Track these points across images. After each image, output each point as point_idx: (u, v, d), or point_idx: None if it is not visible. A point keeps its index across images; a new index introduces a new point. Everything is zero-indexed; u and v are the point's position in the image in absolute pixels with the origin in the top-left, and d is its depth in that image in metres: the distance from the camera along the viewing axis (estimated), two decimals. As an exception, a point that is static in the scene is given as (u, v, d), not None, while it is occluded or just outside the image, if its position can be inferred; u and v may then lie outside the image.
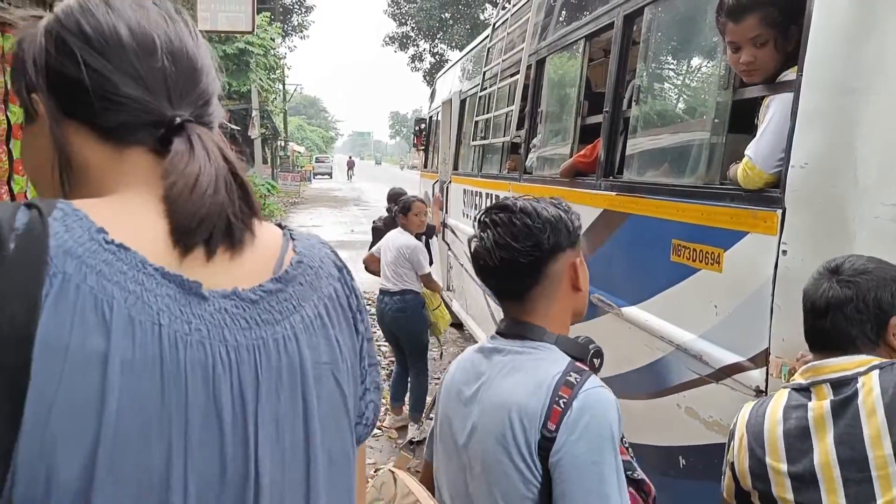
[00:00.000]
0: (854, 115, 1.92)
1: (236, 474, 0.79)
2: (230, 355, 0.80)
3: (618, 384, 3.27)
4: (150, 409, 0.74)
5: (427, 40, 38.08)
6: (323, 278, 0.93)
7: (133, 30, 0.85)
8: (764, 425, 1.73)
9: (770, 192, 2.17)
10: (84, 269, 0.73)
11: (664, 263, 2.76)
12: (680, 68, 3.18)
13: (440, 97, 9.57)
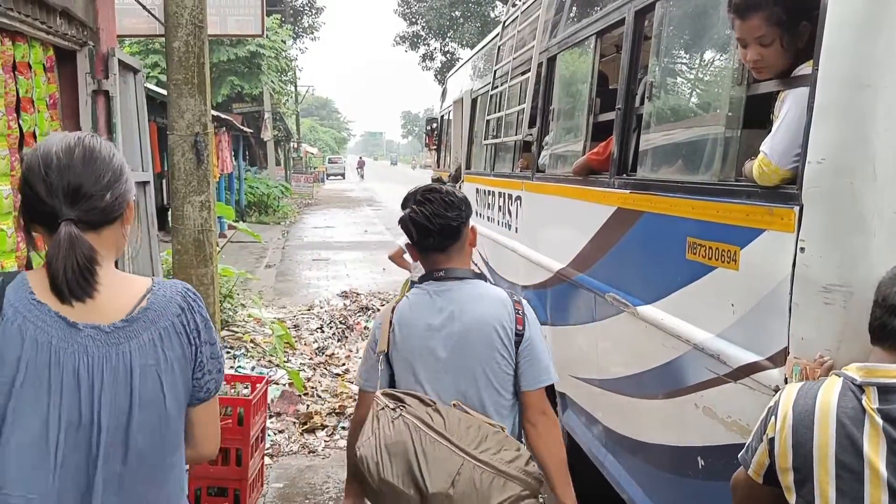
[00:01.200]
0: (870, 110, 1.88)
1: (87, 421, 1.53)
2: (90, 359, 1.53)
3: (633, 383, 3.25)
4: (42, 383, 1.49)
5: (438, 39, 38.06)
6: (162, 318, 1.62)
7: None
8: (815, 409, 1.71)
9: (786, 188, 2.14)
10: (17, 314, 1.51)
11: (679, 262, 2.73)
12: (692, 63, 3.14)
13: (451, 96, 9.56)
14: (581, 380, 4.05)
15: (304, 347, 7.91)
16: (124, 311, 1.59)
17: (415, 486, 2.14)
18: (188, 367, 1.65)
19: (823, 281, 1.96)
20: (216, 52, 20.85)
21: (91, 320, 1.55)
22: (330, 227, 21.65)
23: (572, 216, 4.15)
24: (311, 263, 14.74)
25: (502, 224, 5.96)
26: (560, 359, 4.44)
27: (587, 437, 4.00)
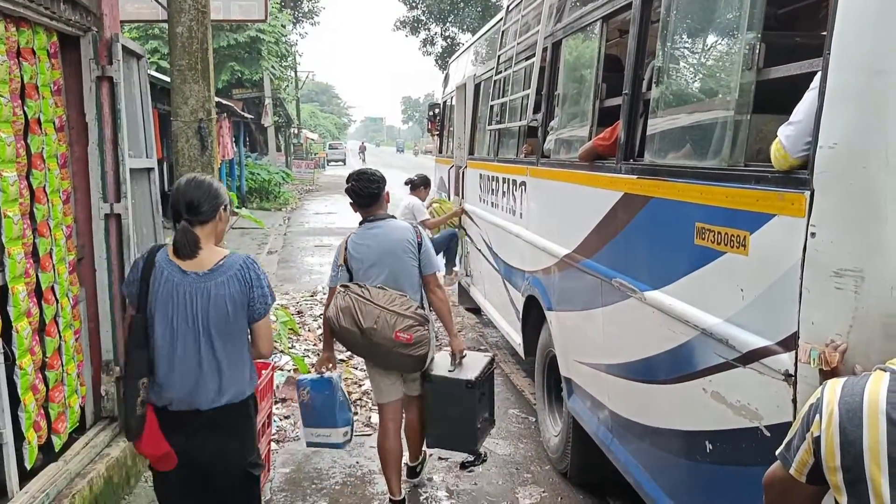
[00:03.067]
0: (883, 96, 1.88)
1: (191, 321, 2.84)
2: (191, 289, 2.84)
3: (640, 368, 3.26)
4: (168, 300, 2.84)
5: (438, 24, 37.85)
6: (229, 270, 2.87)
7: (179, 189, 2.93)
8: (863, 405, 1.67)
9: (798, 173, 2.13)
10: (160, 264, 2.88)
11: (687, 247, 2.73)
12: (701, 47, 3.13)
13: (454, 81, 9.52)
14: (587, 365, 4.06)
15: (308, 334, 7.93)
16: (210, 265, 2.89)
17: (357, 327, 3.83)
18: (244, 298, 2.90)
19: (835, 266, 1.96)
20: (216, 37, 20.75)
21: (193, 269, 2.88)
22: (332, 214, 21.62)
23: (578, 202, 4.14)
24: (314, 249, 14.75)
25: (507, 210, 5.96)
26: (566, 344, 4.45)
27: (593, 423, 4.02)
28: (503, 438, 5.45)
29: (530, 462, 5.06)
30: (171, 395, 2.89)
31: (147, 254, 2.95)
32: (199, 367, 2.86)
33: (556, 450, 4.84)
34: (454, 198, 8.67)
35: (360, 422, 5.71)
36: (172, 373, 2.87)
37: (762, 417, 2.31)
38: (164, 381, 2.89)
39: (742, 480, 2.52)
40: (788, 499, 1.91)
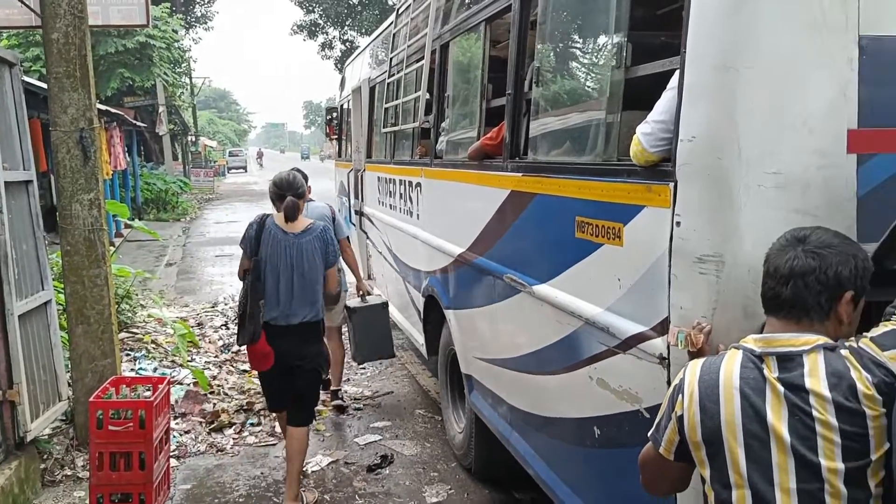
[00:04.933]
0: (734, 91, 2.00)
1: (291, 265, 4.29)
2: (291, 244, 4.29)
3: (533, 361, 3.34)
4: (276, 252, 4.28)
5: (336, 27, 37.61)
6: (314, 232, 4.36)
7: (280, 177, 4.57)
8: (719, 383, 1.79)
9: (663, 166, 2.25)
10: (270, 227, 4.32)
11: (570, 240, 2.83)
12: (576, 48, 3.24)
13: (350, 85, 9.49)
14: (485, 361, 4.14)
15: (209, 345, 7.74)
16: (302, 228, 4.31)
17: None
18: (324, 253, 4.33)
19: (698, 252, 2.08)
20: (103, 43, 19.94)
21: (292, 231, 4.28)
22: (233, 222, 21.12)
23: (470, 200, 4.21)
24: (215, 260, 14.39)
25: (404, 211, 5.99)
26: (465, 342, 4.52)
27: (493, 417, 4.09)
28: (410, 439, 5.48)
29: (437, 461, 5.10)
30: (274, 313, 4.28)
31: (258, 220, 4.37)
32: (291, 295, 4.27)
33: (461, 446, 4.90)
34: (354, 201, 8.64)
35: (265, 431, 5.62)
36: (275, 298, 4.27)
37: (642, 400, 2.42)
38: (270, 304, 4.26)
39: (629, 463, 2.61)
40: (661, 477, 2.02)
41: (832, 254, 1.75)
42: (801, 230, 1.82)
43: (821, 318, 1.76)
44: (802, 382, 1.69)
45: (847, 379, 1.66)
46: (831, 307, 1.76)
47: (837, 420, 1.64)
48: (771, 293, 1.81)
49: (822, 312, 1.76)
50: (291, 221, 4.31)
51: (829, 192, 2.00)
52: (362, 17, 35.88)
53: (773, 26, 1.97)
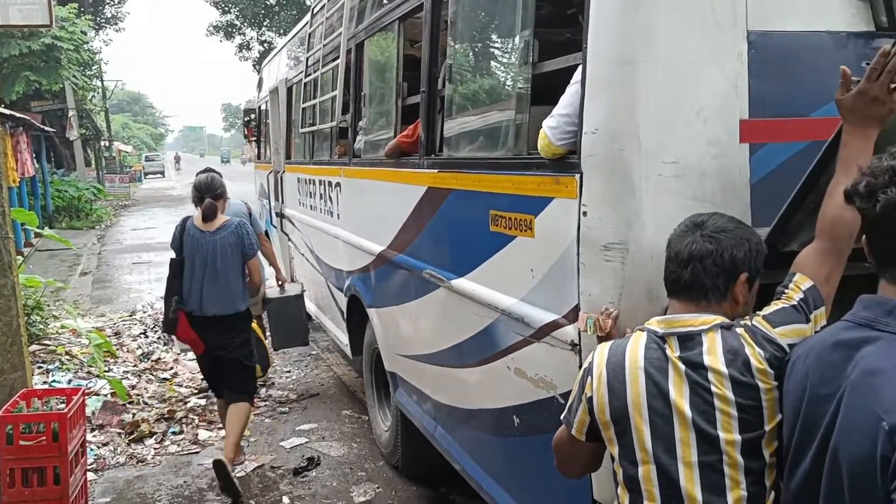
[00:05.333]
0: (633, 85, 2.08)
1: (210, 262, 4.62)
2: (208, 242, 4.63)
3: (454, 354, 3.39)
4: (195, 250, 4.64)
5: (253, 28, 36.98)
6: (229, 228, 4.67)
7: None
8: (625, 363, 1.86)
9: (569, 158, 2.32)
10: (190, 227, 4.68)
11: (485, 234, 2.88)
12: (485, 46, 3.30)
13: (267, 85, 9.37)
14: (408, 357, 4.16)
15: (127, 355, 7.52)
16: (218, 225, 4.64)
17: None
18: (240, 246, 4.65)
19: (604, 241, 2.15)
20: (6, 45, 19.06)
21: (209, 230, 4.63)
22: (151, 228, 20.56)
23: (389, 198, 4.23)
24: (132, 267, 13.97)
25: (324, 212, 5.96)
26: (388, 340, 4.53)
27: (418, 413, 4.12)
28: (337, 440, 5.45)
29: (364, 460, 5.10)
30: (195, 306, 4.63)
31: (182, 222, 4.74)
32: (209, 289, 4.62)
33: (388, 445, 4.91)
34: (275, 203, 8.54)
35: (187, 440, 5.50)
36: (196, 293, 4.63)
37: (557, 387, 2.49)
38: (192, 298, 4.64)
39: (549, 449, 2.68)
40: (574, 457, 2.08)
41: (727, 238, 1.84)
42: (699, 216, 1.91)
43: (718, 298, 1.85)
44: (702, 360, 1.77)
45: (742, 355, 1.75)
46: (728, 288, 1.85)
47: (734, 394, 1.73)
48: (672, 277, 1.89)
49: (719, 293, 1.85)
50: (209, 221, 4.67)
51: (725, 179, 2.11)
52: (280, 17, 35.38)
53: (667, 23, 2.06)
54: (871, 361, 1.44)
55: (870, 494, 1.38)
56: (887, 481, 1.34)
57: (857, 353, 1.47)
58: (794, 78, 2.16)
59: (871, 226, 1.50)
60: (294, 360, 7.56)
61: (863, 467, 1.38)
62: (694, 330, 1.81)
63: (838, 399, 1.47)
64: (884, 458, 1.34)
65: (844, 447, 1.43)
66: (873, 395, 1.40)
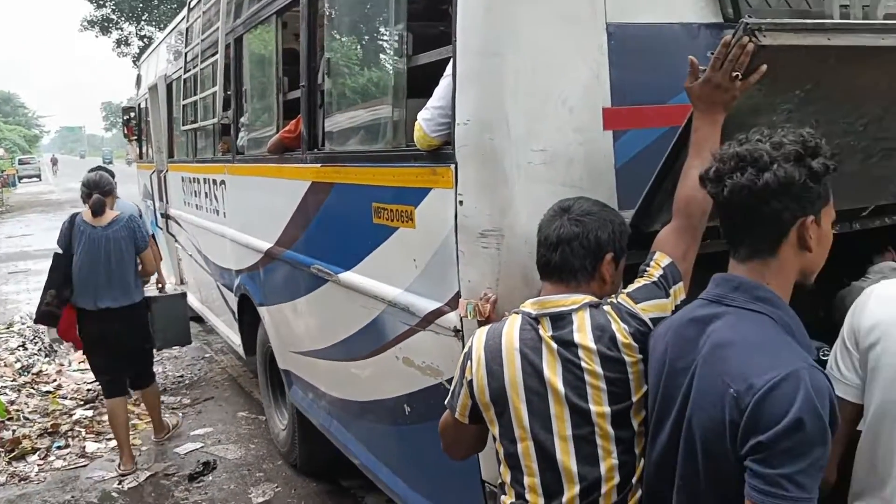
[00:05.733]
0: (500, 76, 2.15)
1: (103, 256, 4.81)
2: (100, 236, 4.82)
3: (345, 348, 3.40)
4: (87, 246, 4.80)
5: (132, 23, 35.43)
6: (121, 222, 4.89)
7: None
8: (501, 346, 1.92)
9: (444, 149, 2.37)
10: (80, 223, 4.87)
11: (369, 226, 2.90)
12: (362, 39, 3.31)
13: (146, 82, 9.04)
14: (301, 354, 4.14)
15: (5, 369, 7.12)
16: (109, 220, 4.85)
17: None
18: (133, 239, 4.87)
19: (480, 228, 2.21)
20: None
21: (100, 224, 4.83)
22: (27, 236, 19.45)
23: (274, 195, 4.18)
24: (8, 277, 13.19)
25: (210, 210, 5.82)
26: (280, 337, 4.49)
27: (313, 409, 4.11)
28: (233, 443, 5.36)
29: (262, 461, 5.04)
30: (90, 300, 4.79)
31: (69, 219, 4.90)
32: (103, 282, 4.81)
33: (285, 443, 4.87)
34: (159, 204, 8.27)
35: (74, 453, 5.28)
36: (90, 287, 4.80)
37: (443, 373, 2.54)
38: (85, 292, 4.80)
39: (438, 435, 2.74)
40: (459, 440, 2.14)
41: (592, 220, 1.94)
42: (565, 201, 1.99)
43: (587, 279, 1.94)
44: (572, 338, 1.86)
45: (609, 331, 1.85)
46: (595, 268, 1.94)
47: (602, 368, 1.83)
48: (543, 260, 1.97)
49: (587, 274, 1.94)
50: (98, 216, 4.86)
51: (591, 165, 2.21)
52: (159, 10, 34.03)
53: (529, 17, 2.13)
54: (720, 335, 1.56)
55: (720, 459, 1.49)
56: (736, 445, 1.45)
57: (709, 328, 1.59)
58: (651, 67, 2.28)
59: (721, 209, 1.62)
60: (187, 363, 7.37)
61: (714, 433, 1.49)
62: (565, 310, 1.89)
63: (692, 371, 1.58)
64: (732, 423, 1.45)
65: (697, 415, 1.54)
66: (722, 364, 1.51)
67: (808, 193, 1.53)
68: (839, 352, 1.62)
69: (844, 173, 2.30)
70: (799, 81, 1.93)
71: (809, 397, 1.39)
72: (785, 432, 1.38)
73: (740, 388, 1.44)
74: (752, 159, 1.53)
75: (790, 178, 1.50)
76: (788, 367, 1.43)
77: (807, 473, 1.40)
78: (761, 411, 1.41)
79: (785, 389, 1.40)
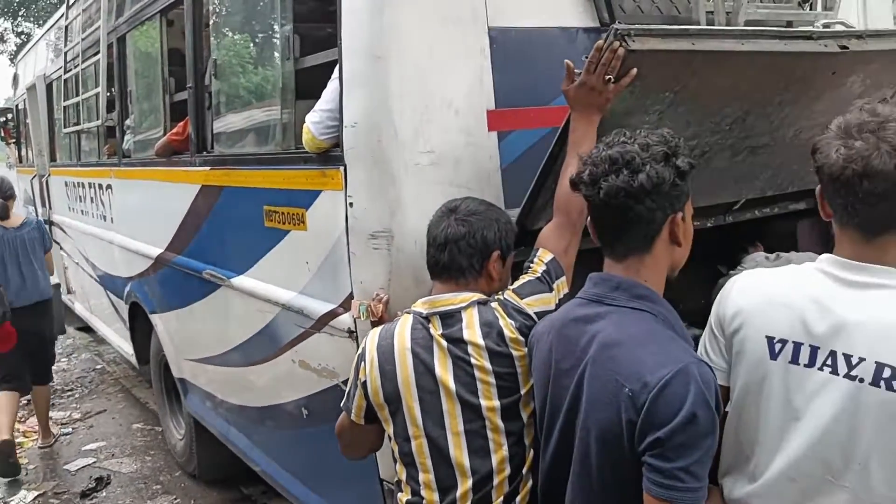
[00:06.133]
0: (386, 78, 2.17)
1: (16, 252, 5.08)
2: (14, 237, 5.10)
3: (241, 353, 3.36)
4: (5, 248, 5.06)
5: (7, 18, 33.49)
6: (31, 225, 5.30)
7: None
8: (394, 346, 1.94)
9: (334, 151, 2.37)
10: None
11: (261, 230, 2.88)
12: (249, 40, 3.27)
13: (24, 82, 8.58)
14: (197, 361, 4.05)
15: None
16: (20, 222, 5.19)
17: None
18: (41, 240, 5.29)
19: (370, 230, 2.23)
20: None
21: (12, 226, 5.13)
22: None
23: (163, 199, 4.07)
24: None
25: (97, 216, 5.60)
26: (175, 345, 4.38)
27: (211, 417, 4.02)
28: (128, 456, 5.18)
29: (159, 473, 4.89)
30: (12, 298, 4.89)
31: None
32: (23, 280, 5.06)
33: (183, 453, 4.74)
34: (42, 210, 7.88)
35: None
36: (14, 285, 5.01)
37: (339, 375, 2.55)
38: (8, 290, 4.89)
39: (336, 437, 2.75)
40: (356, 441, 2.16)
41: (478, 220, 1.99)
42: (453, 201, 2.04)
43: (475, 276, 1.99)
44: (461, 335, 1.90)
45: (496, 327, 1.90)
46: (482, 266, 1.99)
47: (491, 364, 1.88)
48: (433, 260, 2.01)
49: (475, 272, 1.99)
50: (5, 220, 5.12)
51: (477, 166, 2.26)
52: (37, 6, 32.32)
53: (412, 20, 2.16)
54: (606, 334, 1.60)
55: (617, 456, 1.53)
56: (634, 442, 1.51)
57: (592, 327, 1.64)
58: (533, 70, 2.36)
59: (596, 210, 1.68)
60: (77, 376, 7.07)
61: (611, 433, 1.54)
62: (454, 308, 1.94)
63: (580, 372, 1.62)
64: (629, 422, 1.50)
65: (592, 415, 1.59)
66: (612, 364, 1.56)
67: (676, 191, 1.62)
68: (708, 338, 1.71)
69: (715, 170, 2.47)
70: (668, 84, 2.04)
71: (700, 391, 1.46)
72: (680, 427, 1.44)
73: (635, 386, 1.49)
74: (625, 161, 1.59)
75: (662, 178, 1.58)
76: (678, 362, 1.49)
77: (701, 463, 1.47)
78: (657, 408, 1.46)
79: (677, 385, 1.46)
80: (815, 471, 1.49)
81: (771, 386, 1.55)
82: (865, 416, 1.42)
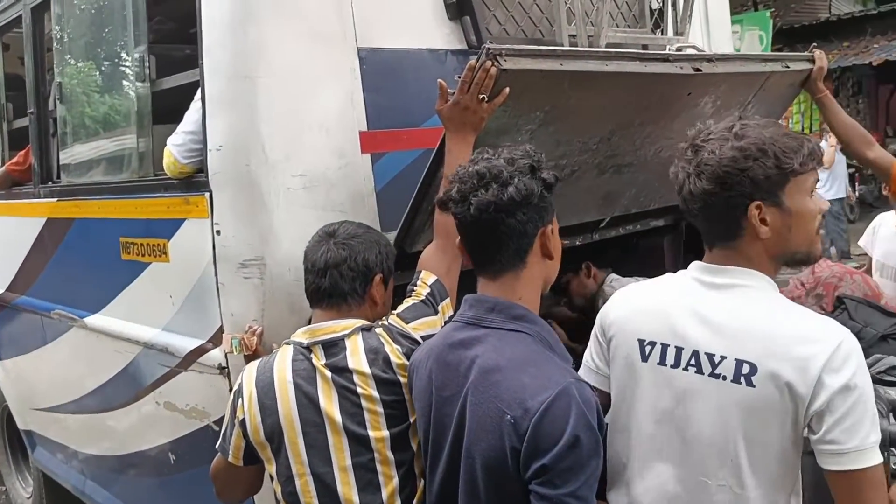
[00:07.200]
0: (253, 99, 2.08)
1: None
2: None
3: (98, 398, 3.11)
4: None
5: None
6: None
7: None
8: (273, 379, 1.82)
9: (198, 177, 2.25)
10: None
11: (117, 263, 2.68)
12: (98, 62, 3.06)
13: None
14: (46, 410, 3.71)
15: None
16: None
17: None
18: None
19: (240, 258, 2.12)
20: None
21: None
22: None
23: (3, 234, 3.74)
24: None
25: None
26: (19, 394, 4.01)
27: (63, 470, 3.70)
28: (-34, 521, 4.67)
29: (4, 537, 4.44)
30: None
31: None
32: None
33: (32, 513, 4.33)
34: None
35: None
36: None
37: (210, 415, 2.39)
38: None
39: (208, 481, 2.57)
40: (234, 485, 2.02)
41: (359, 243, 1.92)
42: (330, 226, 1.96)
43: (358, 302, 1.92)
44: (346, 364, 1.82)
45: (382, 353, 1.83)
46: (365, 290, 1.92)
47: (378, 392, 1.80)
48: (313, 286, 1.92)
49: (357, 297, 1.91)
50: None
51: (352, 188, 2.20)
52: None
53: (278, 39, 2.09)
54: (486, 360, 1.56)
55: (504, 484, 1.49)
56: (520, 471, 1.47)
57: (471, 352, 1.59)
58: (404, 91, 2.33)
59: (467, 228, 1.64)
60: None
61: (496, 461, 1.50)
62: (336, 336, 1.85)
63: (462, 400, 1.57)
64: (513, 449, 1.46)
65: (476, 445, 1.54)
66: (494, 390, 1.52)
67: (544, 203, 1.62)
68: (593, 345, 1.74)
69: (583, 189, 2.53)
70: (538, 103, 2.07)
71: (581, 412, 1.44)
72: (564, 452, 1.42)
73: (516, 413, 1.46)
74: (493, 175, 1.57)
75: (530, 190, 1.57)
76: (557, 384, 1.47)
77: (587, 485, 1.46)
78: (540, 434, 1.43)
79: (557, 410, 1.44)
80: (691, 473, 1.52)
81: (642, 389, 1.59)
82: (730, 413, 1.47)
